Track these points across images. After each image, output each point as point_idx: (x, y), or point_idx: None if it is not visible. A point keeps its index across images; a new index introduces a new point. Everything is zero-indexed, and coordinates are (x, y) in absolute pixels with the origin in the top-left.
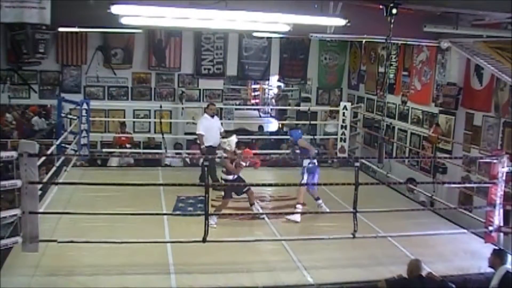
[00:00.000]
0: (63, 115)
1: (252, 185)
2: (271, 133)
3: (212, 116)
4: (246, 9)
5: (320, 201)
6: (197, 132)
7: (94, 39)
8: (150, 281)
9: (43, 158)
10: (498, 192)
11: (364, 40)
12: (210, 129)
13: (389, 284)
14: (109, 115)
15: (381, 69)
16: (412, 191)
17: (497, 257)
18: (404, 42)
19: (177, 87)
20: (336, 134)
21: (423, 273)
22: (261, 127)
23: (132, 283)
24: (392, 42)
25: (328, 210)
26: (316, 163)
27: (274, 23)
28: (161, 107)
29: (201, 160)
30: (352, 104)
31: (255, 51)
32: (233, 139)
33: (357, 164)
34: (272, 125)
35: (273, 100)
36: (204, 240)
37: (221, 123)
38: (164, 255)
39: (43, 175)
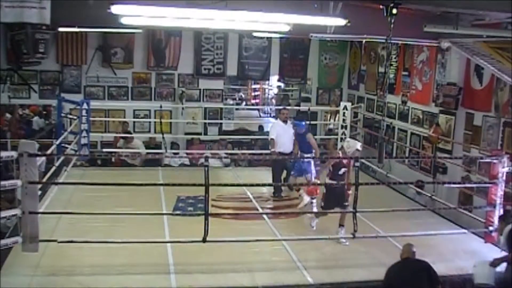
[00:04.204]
0: (63, 115)
1: (253, 185)
2: None
3: (285, 122)
4: (246, 9)
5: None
6: (269, 137)
7: (94, 39)
8: (150, 281)
9: (43, 158)
10: (498, 192)
11: (364, 40)
12: (281, 134)
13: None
14: (109, 115)
15: (381, 69)
16: (419, 193)
17: (503, 221)
18: (404, 42)
19: (177, 87)
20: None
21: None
22: (261, 127)
23: (132, 283)
24: (392, 42)
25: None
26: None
27: (274, 23)
28: (161, 107)
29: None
30: (352, 104)
31: (255, 51)
32: (356, 145)
33: (357, 164)
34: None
35: (273, 100)
36: (204, 240)
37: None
38: (164, 255)
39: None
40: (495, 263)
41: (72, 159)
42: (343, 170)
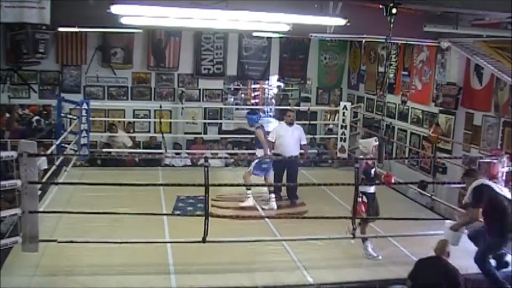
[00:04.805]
0: (63, 115)
1: (252, 185)
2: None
3: (290, 124)
4: (246, 9)
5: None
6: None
7: (94, 39)
8: (150, 281)
9: (43, 158)
10: None
11: (364, 40)
12: (282, 136)
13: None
14: (109, 115)
15: (381, 69)
16: (422, 194)
17: (469, 176)
18: (404, 42)
19: (177, 87)
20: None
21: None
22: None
23: (132, 283)
24: (392, 42)
25: (275, 208)
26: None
27: (274, 23)
28: (161, 107)
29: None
30: (352, 104)
31: (255, 51)
32: (371, 141)
33: (357, 164)
34: (272, 124)
35: (273, 100)
36: (204, 240)
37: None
38: (164, 255)
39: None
40: (454, 227)
41: (72, 159)
42: (373, 171)
